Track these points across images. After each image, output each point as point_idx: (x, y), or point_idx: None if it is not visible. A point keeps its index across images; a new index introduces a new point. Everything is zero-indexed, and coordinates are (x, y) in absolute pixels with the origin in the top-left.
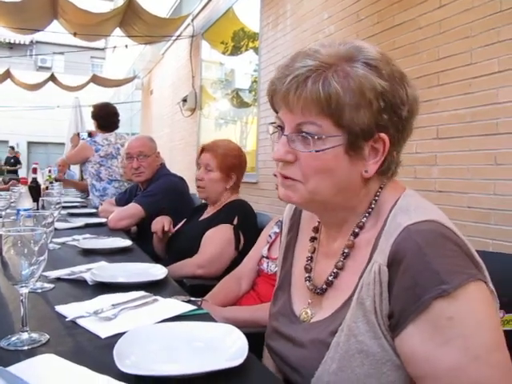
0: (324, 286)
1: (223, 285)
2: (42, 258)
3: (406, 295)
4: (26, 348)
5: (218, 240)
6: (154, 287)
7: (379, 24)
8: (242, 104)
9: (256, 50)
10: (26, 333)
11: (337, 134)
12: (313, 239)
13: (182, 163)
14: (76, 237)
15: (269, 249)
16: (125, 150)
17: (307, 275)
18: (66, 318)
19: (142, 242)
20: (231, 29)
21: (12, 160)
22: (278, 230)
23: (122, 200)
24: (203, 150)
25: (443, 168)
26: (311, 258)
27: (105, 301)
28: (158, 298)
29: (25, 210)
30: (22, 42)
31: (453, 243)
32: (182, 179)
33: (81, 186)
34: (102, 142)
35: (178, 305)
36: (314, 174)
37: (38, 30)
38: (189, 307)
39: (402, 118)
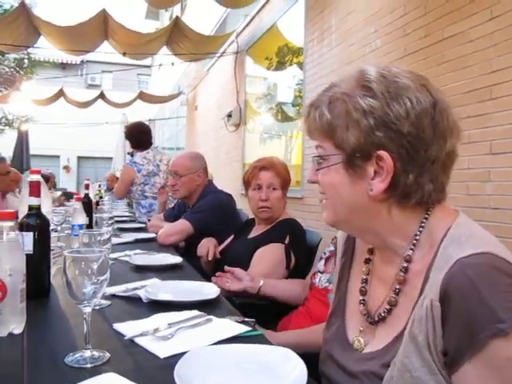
0: (376, 319)
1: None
2: (103, 277)
3: (461, 333)
4: (89, 366)
5: (269, 259)
6: (206, 306)
7: (427, 38)
8: (285, 118)
9: (300, 64)
10: (88, 350)
11: (336, 153)
12: (368, 261)
13: (227, 179)
14: (128, 252)
15: (325, 263)
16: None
17: (362, 298)
18: (124, 336)
19: (191, 257)
20: (275, 44)
21: None
22: (333, 248)
23: (171, 216)
24: (261, 168)
25: (498, 184)
26: (366, 280)
27: (161, 320)
28: (211, 317)
29: (79, 225)
30: (73, 62)
31: (509, 277)
32: (229, 195)
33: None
34: (142, 161)
35: (232, 325)
36: (326, 189)
37: (90, 51)
38: (243, 328)
39: (403, 134)
